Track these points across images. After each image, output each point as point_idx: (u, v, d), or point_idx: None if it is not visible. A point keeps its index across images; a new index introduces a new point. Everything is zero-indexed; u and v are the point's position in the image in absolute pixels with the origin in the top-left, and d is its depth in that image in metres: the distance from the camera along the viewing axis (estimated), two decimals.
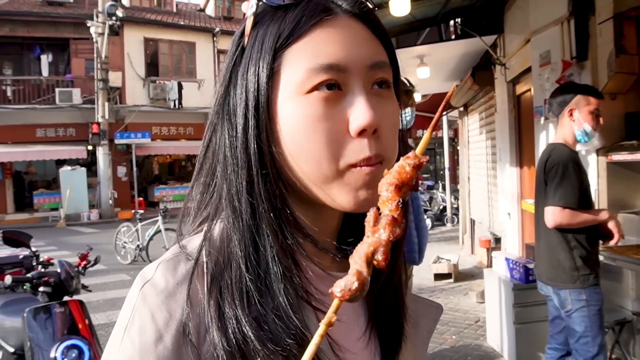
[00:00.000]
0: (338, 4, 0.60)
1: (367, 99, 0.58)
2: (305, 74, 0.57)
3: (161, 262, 0.60)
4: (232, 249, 0.59)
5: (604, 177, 3.57)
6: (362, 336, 0.66)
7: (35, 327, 3.10)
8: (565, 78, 3.76)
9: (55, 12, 19.12)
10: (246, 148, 0.60)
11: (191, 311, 0.55)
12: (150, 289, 0.57)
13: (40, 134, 18.15)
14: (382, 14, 4.83)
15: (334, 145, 0.57)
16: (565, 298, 2.81)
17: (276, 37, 0.58)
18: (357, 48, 0.59)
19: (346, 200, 0.59)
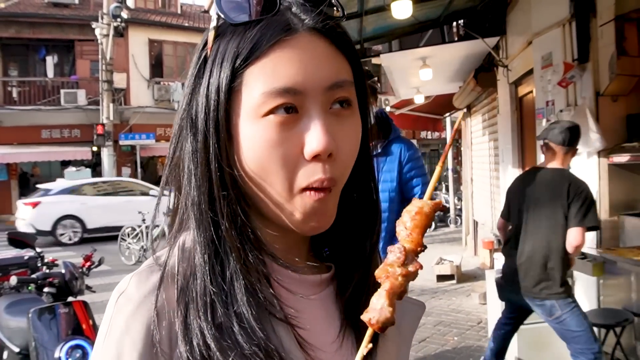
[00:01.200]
0: (301, 19, 0.59)
1: (324, 122, 0.58)
2: (261, 97, 0.57)
3: (134, 274, 0.63)
4: (197, 261, 0.60)
5: (605, 179, 3.58)
6: (336, 338, 0.66)
7: (40, 327, 3.14)
8: (566, 80, 3.77)
9: (61, 13, 19.18)
10: (207, 166, 0.60)
11: (162, 320, 0.57)
12: (124, 300, 0.59)
13: (46, 135, 18.21)
14: (384, 16, 4.86)
15: (288, 168, 0.58)
16: (552, 306, 3.03)
17: (235, 56, 0.58)
18: (315, 70, 0.58)
19: (295, 223, 0.61)
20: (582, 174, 3.74)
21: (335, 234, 0.68)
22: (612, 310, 3.38)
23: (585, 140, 3.55)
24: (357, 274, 0.67)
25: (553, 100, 4.14)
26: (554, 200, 2.97)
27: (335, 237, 0.69)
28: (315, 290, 0.67)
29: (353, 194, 0.68)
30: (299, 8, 0.60)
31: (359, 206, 0.69)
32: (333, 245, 0.71)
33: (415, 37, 6.94)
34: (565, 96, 3.93)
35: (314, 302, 0.66)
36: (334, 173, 0.59)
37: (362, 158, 0.66)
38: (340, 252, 0.70)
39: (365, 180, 0.69)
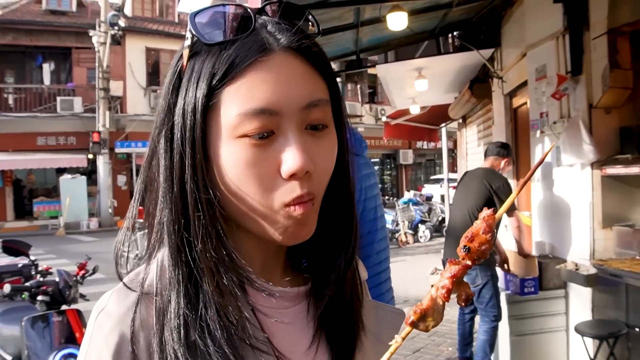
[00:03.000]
0: (276, 38, 0.59)
1: (300, 142, 0.58)
2: (237, 118, 0.57)
3: (114, 291, 0.64)
4: (170, 282, 0.61)
5: (598, 191, 3.59)
6: (308, 348, 0.66)
7: (33, 335, 3.13)
8: (560, 92, 3.80)
9: (58, 21, 19.22)
10: (183, 186, 0.60)
11: (139, 338, 0.59)
12: (103, 317, 0.61)
13: (41, 142, 18.18)
14: (380, 27, 4.90)
15: (265, 187, 0.59)
16: (476, 275, 3.91)
17: (211, 75, 0.58)
18: (291, 90, 0.58)
19: (277, 235, 0.62)
20: (576, 185, 3.78)
21: (312, 246, 0.69)
22: (605, 322, 3.39)
23: (579, 151, 3.58)
24: (332, 287, 0.67)
25: (547, 111, 4.17)
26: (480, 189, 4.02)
27: (312, 249, 0.70)
28: (293, 302, 0.68)
29: (330, 208, 0.68)
30: (274, 27, 0.60)
31: (336, 220, 0.69)
32: (310, 257, 0.72)
33: (411, 48, 6.98)
34: (559, 108, 3.96)
35: (291, 313, 0.67)
36: (311, 188, 0.60)
37: (338, 174, 0.67)
38: (318, 264, 0.70)
39: (341, 195, 0.69)
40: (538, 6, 4.27)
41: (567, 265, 3.70)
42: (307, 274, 0.72)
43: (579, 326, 3.38)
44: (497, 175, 4.10)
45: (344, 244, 0.69)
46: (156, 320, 0.59)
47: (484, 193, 4.00)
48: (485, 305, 3.99)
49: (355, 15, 4.71)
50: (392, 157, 26.50)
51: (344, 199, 0.69)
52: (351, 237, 0.70)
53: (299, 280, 0.71)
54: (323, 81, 0.62)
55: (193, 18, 0.60)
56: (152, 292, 0.61)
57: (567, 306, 3.95)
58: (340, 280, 0.68)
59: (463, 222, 4.06)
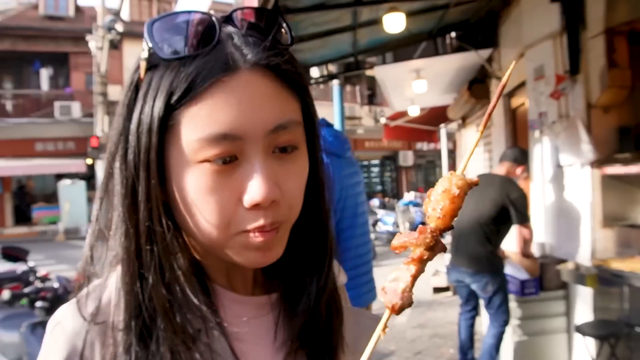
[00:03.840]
0: (243, 54, 0.54)
1: (265, 169, 0.54)
2: (197, 143, 0.53)
3: (70, 304, 0.61)
4: (121, 314, 0.57)
5: (598, 190, 3.59)
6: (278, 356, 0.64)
7: (33, 341, 3.12)
8: (558, 92, 3.80)
9: (56, 26, 19.25)
10: (135, 214, 0.57)
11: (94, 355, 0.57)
12: (58, 330, 0.59)
13: (40, 147, 18.19)
14: (377, 29, 4.89)
15: (224, 215, 0.55)
16: (487, 282, 3.86)
17: (168, 94, 0.53)
18: (256, 113, 0.53)
19: (238, 259, 0.58)
20: (575, 185, 3.77)
21: (284, 260, 0.65)
22: (606, 322, 3.38)
23: (578, 151, 3.58)
24: (304, 314, 0.64)
25: (546, 111, 4.16)
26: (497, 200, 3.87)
27: (284, 262, 0.66)
28: (264, 310, 0.66)
29: (304, 227, 0.65)
30: (241, 39, 0.55)
31: (309, 240, 0.66)
32: (282, 268, 0.68)
33: (409, 49, 6.98)
34: (558, 108, 3.96)
35: (259, 324, 0.64)
36: (277, 217, 0.56)
37: (312, 194, 0.64)
38: (289, 277, 0.67)
39: (315, 215, 0.65)
40: (535, 6, 4.26)
41: (568, 265, 3.69)
42: (277, 280, 0.68)
43: (580, 327, 3.38)
44: (516, 186, 3.91)
45: (317, 267, 0.65)
46: (109, 344, 0.57)
47: (500, 203, 3.81)
48: (495, 310, 3.93)
49: (352, 17, 4.71)
50: (392, 159, 26.49)
51: (318, 220, 0.66)
52: (325, 260, 0.66)
53: (270, 286, 0.68)
54: (295, 99, 0.58)
55: (151, 27, 0.55)
56: (106, 312, 0.59)
57: (568, 307, 3.94)
58: (314, 305, 0.64)
59: (472, 230, 3.89)
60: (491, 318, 4.02)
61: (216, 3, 23.72)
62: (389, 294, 0.52)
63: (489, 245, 3.87)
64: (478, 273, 3.89)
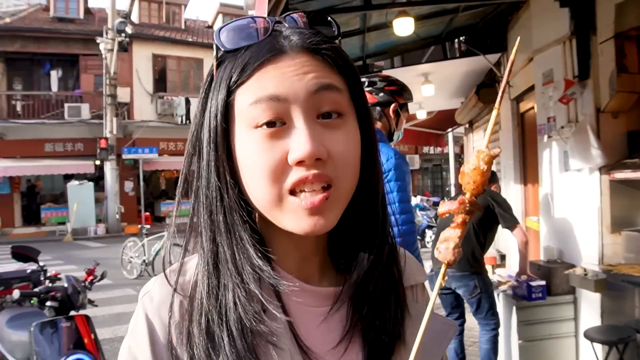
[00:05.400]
0: (290, 40, 0.63)
1: (309, 129, 0.59)
2: (249, 109, 0.61)
3: (159, 276, 0.69)
4: (199, 274, 0.66)
5: (606, 195, 3.58)
6: (335, 347, 0.66)
7: (42, 341, 3.14)
8: (567, 97, 3.79)
9: (66, 28, 19.36)
10: (208, 182, 0.65)
11: (173, 324, 0.64)
12: (147, 299, 0.67)
13: (49, 148, 18.29)
14: (386, 33, 4.91)
15: (275, 172, 0.60)
16: (474, 285, 3.98)
17: (229, 78, 0.63)
18: (299, 78, 0.60)
19: (290, 226, 0.62)
20: (584, 190, 3.76)
21: (347, 245, 0.70)
22: (614, 327, 3.36)
23: (586, 156, 3.57)
24: (368, 287, 0.67)
25: (554, 116, 4.16)
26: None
27: (347, 248, 0.70)
28: (326, 301, 0.68)
29: (359, 206, 0.68)
30: (290, 31, 0.64)
31: (366, 218, 0.69)
32: (348, 257, 0.70)
33: (417, 53, 6.99)
34: (567, 113, 3.95)
35: (322, 313, 0.67)
36: (324, 171, 0.60)
37: (367, 169, 0.67)
38: (353, 264, 0.69)
39: (370, 192, 0.68)
40: (544, 11, 4.26)
41: (576, 270, 3.68)
42: (346, 273, 0.70)
43: (588, 332, 3.36)
44: (497, 193, 4.37)
45: (377, 244, 0.68)
46: (188, 307, 0.64)
47: (485, 204, 4.05)
48: (485, 314, 4.07)
49: (361, 21, 4.73)
50: None
51: (373, 198, 0.69)
52: (376, 233, 0.69)
53: (338, 279, 0.71)
54: (338, 75, 0.64)
55: (219, 31, 0.65)
56: (187, 284, 0.66)
57: (576, 312, 3.92)
58: (375, 286, 0.67)
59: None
60: (482, 323, 4.12)
61: (224, 6, 23.82)
62: (442, 252, 0.64)
63: (477, 248, 4.03)
64: (465, 277, 4.00)
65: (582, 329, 3.66)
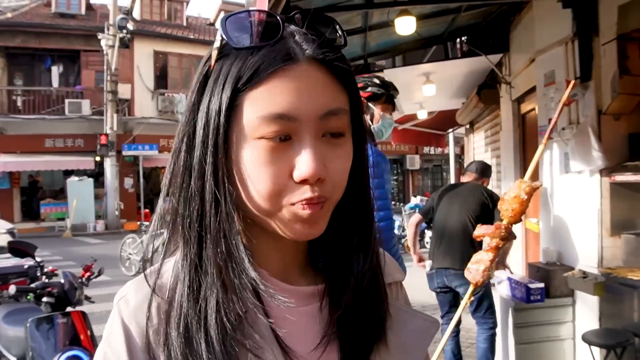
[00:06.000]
0: (303, 49, 0.61)
1: (315, 148, 0.60)
2: (257, 120, 0.59)
3: (134, 280, 0.69)
4: (180, 275, 0.64)
5: (607, 198, 3.56)
6: (315, 349, 0.66)
7: (38, 337, 3.13)
8: (569, 98, 3.77)
9: (67, 24, 19.36)
10: (202, 181, 0.63)
11: (151, 327, 0.63)
12: (123, 304, 0.66)
13: (49, 144, 18.29)
14: (388, 32, 4.89)
15: (277, 186, 0.60)
16: None
17: (236, 78, 0.60)
18: (310, 98, 0.60)
19: (287, 231, 0.63)
20: (584, 192, 3.75)
21: (329, 247, 0.71)
22: (613, 331, 3.35)
23: (587, 158, 3.55)
24: (350, 293, 0.68)
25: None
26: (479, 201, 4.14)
27: (329, 249, 0.71)
28: (307, 301, 0.69)
29: (348, 209, 0.69)
30: (302, 37, 0.62)
31: (353, 225, 0.70)
32: (327, 257, 0.73)
33: (419, 53, 6.98)
34: (568, 114, 3.93)
35: (303, 312, 0.68)
36: (322, 192, 0.61)
37: (357, 181, 0.69)
38: (334, 265, 0.71)
39: (359, 202, 0.70)
40: (547, 12, 4.24)
41: (575, 273, 3.66)
42: (324, 273, 0.72)
43: (586, 335, 3.34)
44: (493, 192, 4.39)
45: (362, 249, 0.70)
46: (166, 310, 0.63)
47: (483, 201, 4.13)
48: (484, 313, 4.11)
49: (363, 20, 4.71)
50: (399, 162, 26.45)
51: (362, 200, 0.70)
52: (370, 242, 0.70)
53: (317, 279, 0.72)
54: (344, 91, 0.64)
55: (225, 21, 0.62)
56: (165, 287, 0.64)
57: (574, 314, 3.91)
58: (358, 286, 0.68)
59: (458, 231, 4.12)
60: (480, 322, 4.13)
61: (226, 3, 23.79)
62: (472, 272, 0.68)
63: (478, 246, 3.96)
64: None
65: (580, 332, 3.64)
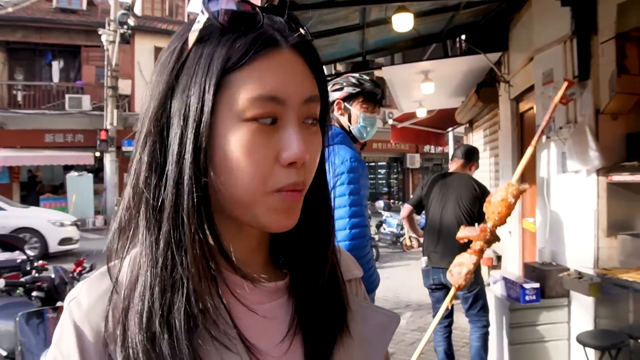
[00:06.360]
0: (284, 36, 0.62)
1: (300, 132, 0.61)
2: (247, 102, 0.59)
3: (86, 280, 0.65)
4: (142, 267, 0.61)
5: (603, 198, 3.53)
6: (281, 342, 0.66)
7: (27, 331, 3.10)
8: (566, 97, 3.73)
9: (68, 19, 19.33)
10: (180, 165, 0.60)
11: (109, 326, 0.59)
12: (74, 305, 0.62)
13: (49, 139, 18.29)
14: (386, 29, 4.86)
15: (263, 171, 0.60)
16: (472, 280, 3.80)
17: (225, 60, 0.59)
18: (295, 82, 0.62)
19: (266, 222, 0.63)
20: (581, 192, 3.71)
21: (291, 241, 0.71)
22: (607, 332, 3.32)
23: (584, 158, 3.52)
24: (312, 283, 0.69)
25: (553, 117, 4.11)
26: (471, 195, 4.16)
27: (291, 244, 0.71)
28: (271, 297, 0.69)
29: (308, 204, 0.69)
30: (282, 25, 0.64)
31: (313, 216, 0.70)
32: (288, 253, 0.73)
33: (418, 51, 6.95)
34: (566, 113, 3.90)
35: (268, 308, 0.67)
36: (304, 178, 0.63)
37: (318, 169, 0.69)
38: (296, 260, 0.71)
39: (319, 191, 0.70)
40: (546, 10, 4.21)
41: (570, 273, 3.63)
42: (285, 269, 0.73)
43: (580, 336, 3.32)
44: (483, 185, 4.40)
45: (323, 240, 0.70)
46: (124, 307, 0.59)
47: (477, 196, 4.14)
48: (477, 311, 4.10)
49: (360, 16, 4.68)
50: (399, 161, 26.42)
51: (322, 195, 0.71)
52: (329, 233, 0.71)
53: (278, 275, 0.72)
54: (317, 81, 0.66)
55: (208, 2, 0.62)
56: (122, 285, 0.61)
57: (569, 315, 3.88)
58: (320, 281, 0.69)
59: (454, 228, 3.97)
60: (473, 320, 4.10)
61: None
62: (455, 276, 0.72)
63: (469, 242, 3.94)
64: None
65: (575, 333, 3.61)
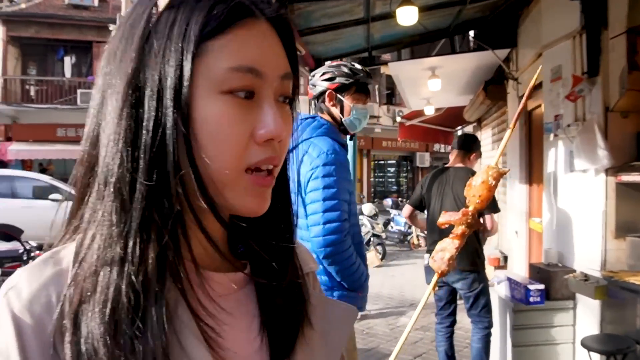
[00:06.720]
0: (261, 9, 0.60)
1: (277, 109, 0.60)
2: (225, 72, 0.56)
3: (26, 268, 0.57)
4: (101, 255, 0.55)
5: (612, 198, 3.42)
6: (254, 338, 0.65)
7: None
8: (575, 94, 3.63)
9: (80, 15, 19.48)
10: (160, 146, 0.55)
11: (53, 317, 0.53)
12: (13, 295, 0.54)
13: (61, 133, 18.44)
14: (391, 23, 4.77)
15: (239, 147, 0.57)
16: (473, 279, 3.90)
17: (202, 26, 0.56)
18: (273, 57, 0.60)
19: (238, 204, 0.60)
20: (588, 192, 3.60)
21: (250, 231, 0.66)
22: (613, 337, 3.22)
23: (593, 157, 3.41)
24: (273, 273, 0.67)
25: (561, 114, 3.99)
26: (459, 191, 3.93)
27: (250, 233, 0.67)
28: (232, 288, 0.66)
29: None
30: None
31: (274, 203, 0.66)
32: (247, 243, 0.70)
33: (426, 47, 6.84)
34: (574, 110, 3.78)
35: (232, 300, 0.65)
36: (277, 154, 0.60)
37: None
38: (255, 250, 0.68)
39: (281, 179, 0.67)
40: (555, 4, 4.10)
41: (576, 275, 3.52)
42: (244, 260, 0.70)
43: (585, 340, 3.21)
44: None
45: (284, 234, 0.69)
46: (73, 297, 0.53)
47: None
48: (479, 311, 4.00)
49: (365, 10, 4.59)
50: (408, 160, 26.29)
51: (283, 183, 0.69)
52: (291, 228, 0.70)
53: (238, 265, 0.69)
54: (290, 58, 0.64)
55: None
56: (66, 274, 0.55)
57: (574, 318, 3.77)
58: (281, 267, 0.67)
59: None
60: (475, 320, 4.01)
61: None
62: (437, 261, 0.66)
63: (475, 240, 3.85)
64: (465, 270, 3.88)
65: (580, 336, 3.51)
